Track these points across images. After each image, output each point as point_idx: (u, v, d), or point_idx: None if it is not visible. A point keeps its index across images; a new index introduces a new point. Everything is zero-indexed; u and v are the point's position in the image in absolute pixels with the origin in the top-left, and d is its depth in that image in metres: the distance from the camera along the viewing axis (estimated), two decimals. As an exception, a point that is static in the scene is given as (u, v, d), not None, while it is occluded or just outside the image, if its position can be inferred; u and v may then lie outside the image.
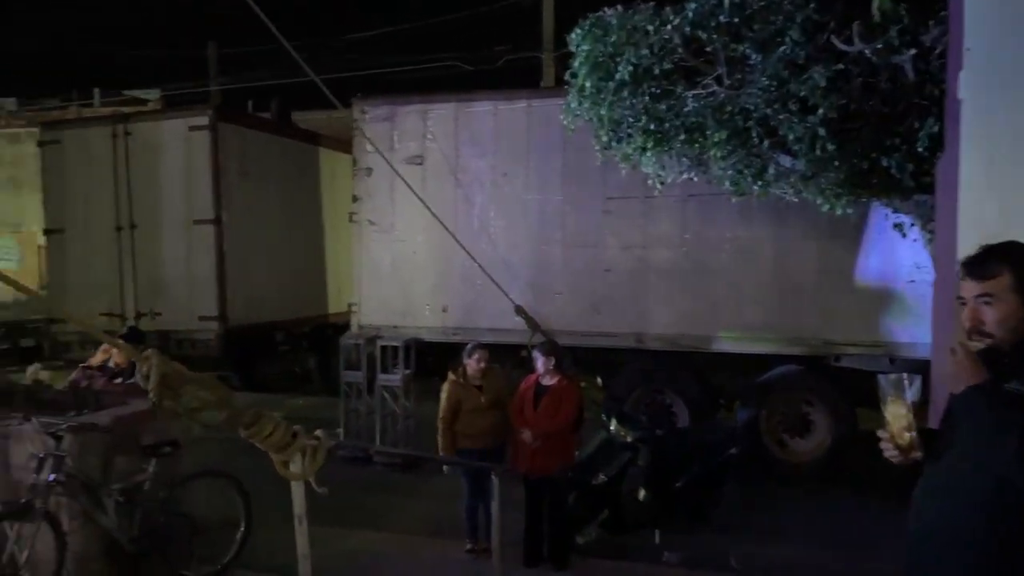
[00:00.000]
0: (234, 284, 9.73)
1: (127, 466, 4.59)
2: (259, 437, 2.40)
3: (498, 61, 15.39)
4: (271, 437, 2.41)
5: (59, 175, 10.25)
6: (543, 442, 5.41)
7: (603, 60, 5.14)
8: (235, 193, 9.85)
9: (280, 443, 2.43)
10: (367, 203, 8.74)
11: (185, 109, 10.88)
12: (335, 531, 6.07)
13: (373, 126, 8.70)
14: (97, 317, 9.76)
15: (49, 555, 4.20)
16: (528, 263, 8.35)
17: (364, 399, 8.53)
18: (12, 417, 4.38)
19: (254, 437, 2.41)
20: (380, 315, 8.69)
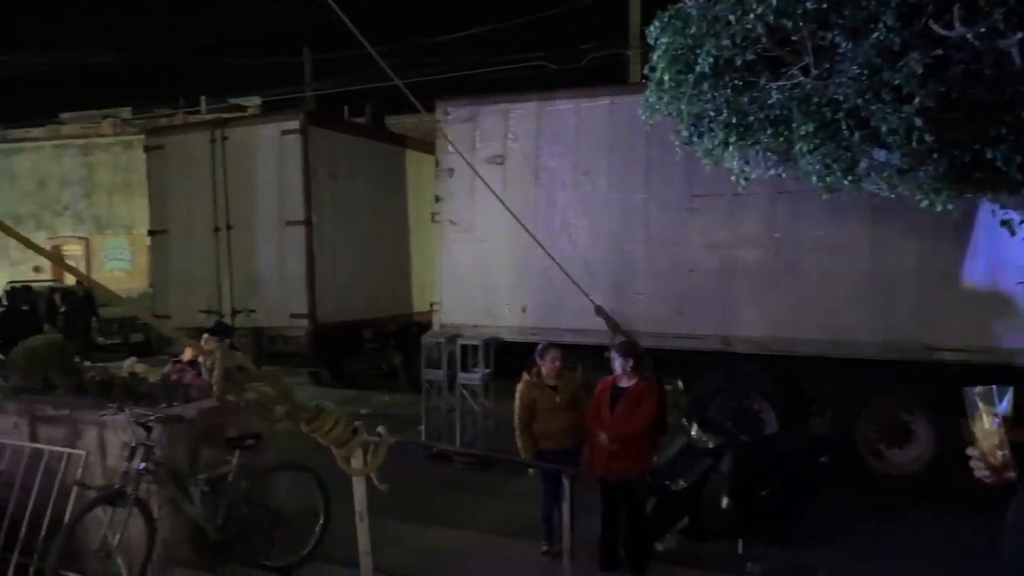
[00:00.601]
0: (323, 283, 10.02)
1: (212, 457, 4.76)
2: (320, 432, 2.42)
3: (583, 59, 15.27)
4: (332, 432, 2.42)
5: (162, 179, 10.82)
6: (620, 445, 5.31)
7: (682, 53, 4.98)
8: (324, 195, 10.15)
9: (341, 438, 2.44)
10: (448, 203, 8.83)
11: (278, 114, 11.29)
12: (412, 527, 6.16)
13: (455, 127, 8.78)
14: (197, 314, 10.23)
15: (140, 540, 4.41)
16: (609, 263, 8.23)
17: (445, 397, 8.62)
18: (108, 407, 4.62)
19: (316, 432, 2.43)
20: (461, 314, 8.75)
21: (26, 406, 4.96)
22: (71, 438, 4.76)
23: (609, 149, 8.22)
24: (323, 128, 10.32)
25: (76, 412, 4.81)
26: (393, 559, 5.24)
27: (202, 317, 10.15)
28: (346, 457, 2.53)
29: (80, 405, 4.89)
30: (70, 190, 23.11)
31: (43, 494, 4.57)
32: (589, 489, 5.43)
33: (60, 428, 4.82)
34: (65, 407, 4.88)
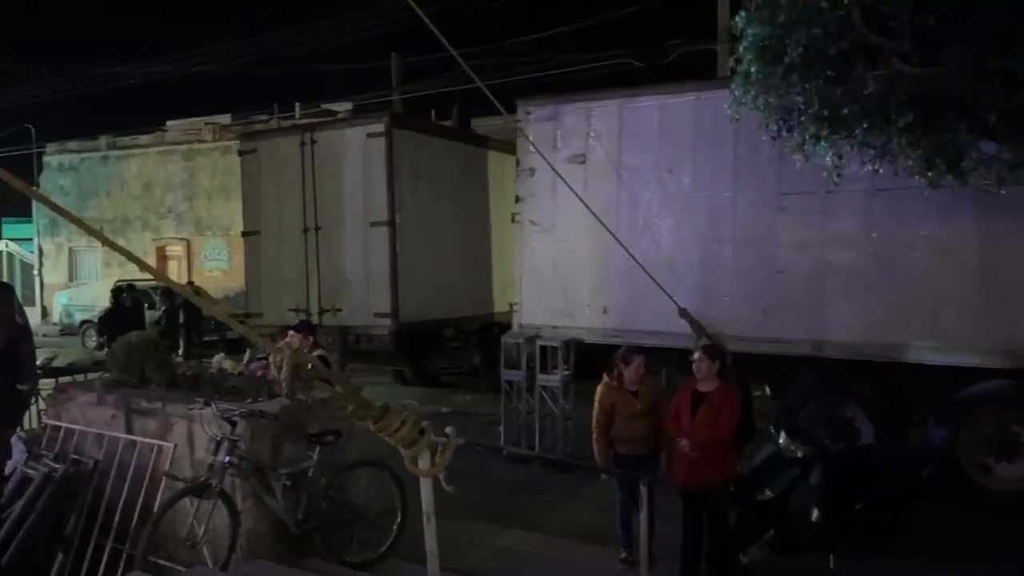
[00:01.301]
0: (406, 283, 10.16)
1: (294, 453, 4.86)
2: (388, 431, 2.40)
3: (670, 56, 14.96)
4: (399, 432, 2.40)
5: (255, 182, 11.22)
6: (701, 452, 5.12)
7: (771, 43, 4.76)
8: (408, 196, 10.29)
9: (408, 438, 2.41)
10: (529, 203, 8.78)
11: (363, 117, 11.53)
12: (490, 527, 6.14)
13: (536, 126, 8.72)
14: (287, 312, 10.56)
15: (224, 531, 4.54)
16: (694, 263, 8.00)
17: (524, 398, 8.57)
18: (196, 402, 4.78)
19: (383, 431, 2.41)
20: (540, 315, 8.68)
21: (123, 399, 5.19)
22: (162, 430, 4.96)
23: (694, 146, 7.99)
24: (407, 130, 10.47)
25: (167, 406, 5.00)
26: (465, 559, 5.23)
27: (292, 315, 10.44)
28: (413, 457, 2.50)
29: (171, 399, 5.08)
30: (173, 194, 24.32)
31: (135, 483, 4.77)
32: (670, 494, 5.27)
33: (152, 421, 5.02)
34: (157, 401, 5.08)
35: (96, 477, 4.89)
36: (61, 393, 5.64)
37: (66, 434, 5.20)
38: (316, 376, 2.28)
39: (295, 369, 2.22)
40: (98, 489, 4.87)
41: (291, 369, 2.21)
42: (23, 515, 4.40)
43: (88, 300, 20.83)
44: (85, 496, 4.79)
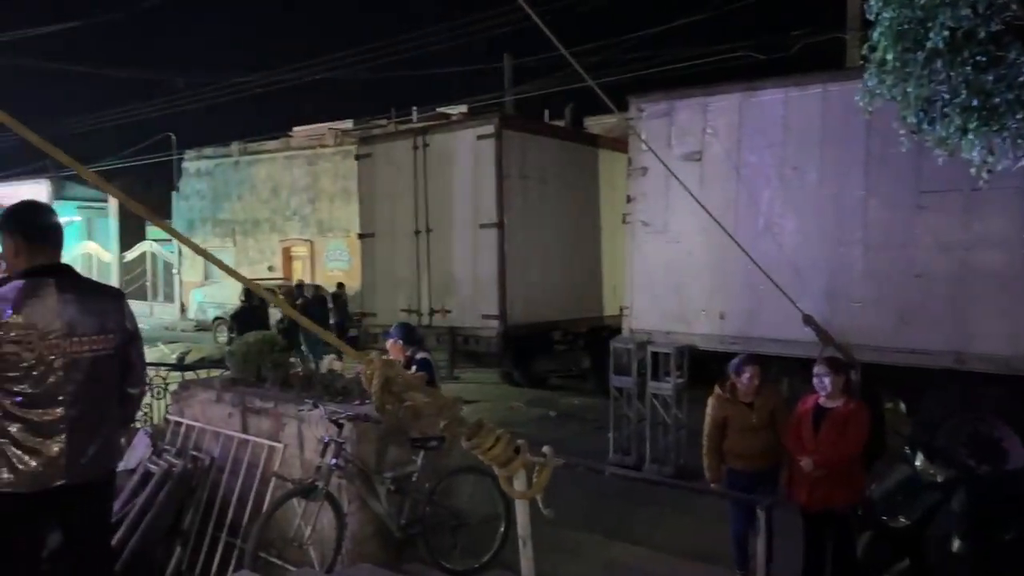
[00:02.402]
0: (514, 285, 10.10)
1: (398, 456, 4.85)
2: (480, 449, 2.27)
3: (794, 47, 14.20)
4: (492, 450, 2.26)
5: (371, 185, 11.49)
6: (825, 472, 4.73)
7: (910, 27, 4.31)
8: (517, 197, 10.23)
9: (502, 457, 2.27)
10: (641, 203, 8.50)
11: (474, 119, 11.57)
12: (594, 538, 5.95)
13: (649, 123, 8.44)
14: (399, 312, 10.74)
15: (330, 533, 4.58)
16: (820, 267, 7.48)
17: (634, 405, 8.30)
18: (306, 403, 4.86)
19: (475, 449, 2.28)
20: (652, 319, 8.38)
21: (239, 397, 5.36)
22: (274, 430, 5.07)
23: (821, 141, 7.47)
24: (516, 131, 10.42)
25: (280, 405, 5.11)
26: (568, 571, 5.06)
27: (404, 315, 10.62)
28: (508, 478, 2.36)
29: (283, 399, 5.19)
30: (298, 196, 25.45)
31: (248, 481, 4.90)
32: (791, 511, 4.91)
33: (266, 420, 5.15)
34: (271, 400, 5.20)
35: (212, 473, 5.06)
36: (184, 390, 5.90)
37: (187, 430, 5.42)
38: (407, 389, 2.17)
39: (385, 382, 2.12)
40: (214, 484, 5.04)
41: (381, 381, 2.10)
42: (145, 508, 4.59)
43: (220, 298, 22.11)
44: (202, 491, 4.96)
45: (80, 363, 2.98)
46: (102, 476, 3.13)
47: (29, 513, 2.98)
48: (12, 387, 2.89)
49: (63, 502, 3.03)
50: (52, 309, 2.93)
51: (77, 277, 3.12)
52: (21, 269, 3.00)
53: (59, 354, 2.93)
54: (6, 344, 2.86)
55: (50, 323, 2.92)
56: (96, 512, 3.19)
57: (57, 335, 2.93)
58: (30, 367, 2.89)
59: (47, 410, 2.93)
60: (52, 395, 2.93)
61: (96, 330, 3.02)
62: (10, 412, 2.90)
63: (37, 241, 3.03)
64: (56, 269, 3.04)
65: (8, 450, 2.89)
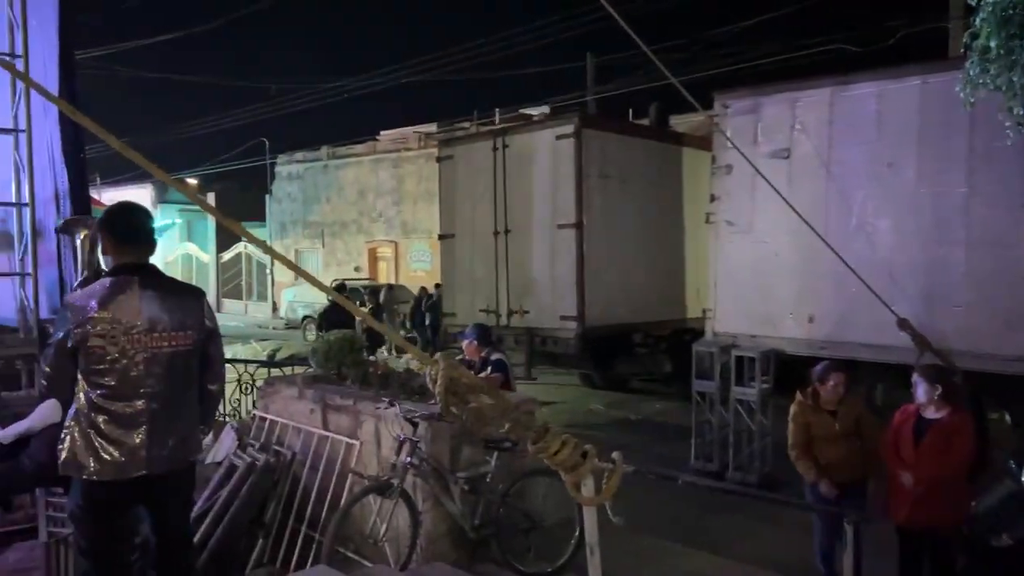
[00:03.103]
0: (593, 286, 9.99)
1: (472, 457, 4.84)
2: (546, 454, 2.22)
3: (892, 38, 13.54)
4: (559, 455, 2.21)
5: (451, 186, 11.59)
6: (926, 488, 4.44)
7: (1017, 12, 4.02)
8: (596, 197, 10.12)
9: (568, 463, 2.21)
10: (725, 202, 8.26)
11: (554, 119, 11.51)
12: (673, 547, 5.80)
13: (735, 120, 8.19)
14: (478, 313, 10.79)
15: (405, 531, 4.61)
16: (917, 268, 7.09)
17: (717, 411, 8.07)
18: (383, 401, 4.91)
19: (541, 453, 2.23)
20: (736, 323, 8.13)
21: (320, 394, 5.46)
22: (353, 427, 5.15)
23: (919, 136, 7.08)
24: (596, 130, 10.31)
25: (358, 403, 5.19)
26: (647, 580, 4.95)
27: (483, 316, 10.67)
28: (575, 483, 2.29)
29: (362, 397, 5.26)
30: (383, 199, 26.02)
31: (327, 476, 4.99)
32: (884, 526, 4.64)
33: (345, 417, 5.23)
34: (350, 398, 5.28)
35: (294, 467, 5.18)
36: (269, 386, 6.07)
37: (271, 425, 5.57)
38: (471, 391, 2.14)
39: (449, 383, 2.10)
40: (295, 479, 5.15)
41: (445, 383, 2.08)
42: (229, 500, 4.74)
43: (309, 297, 22.81)
44: (284, 485, 5.08)
45: (160, 358, 3.11)
46: (181, 467, 3.26)
47: (112, 501, 3.13)
48: (97, 380, 3.05)
49: (145, 491, 3.17)
50: (135, 305, 3.08)
51: (160, 276, 3.26)
52: (110, 267, 3.19)
53: (141, 348, 3.07)
54: (92, 338, 3.01)
55: (133, 319, 3.06)
56: (175, 502, 3.33)
57: (139, 330, 3.07)
58: (114, 360, 3.04)
59: (129, 402, 3.07)
60: (134, 388, 3.07)
61: (176, 326, 3.15)
62: (96, 404, 3.06)
63: (124, 242, 3.19)
64: (141, 268, 3.18)
65: (94, 440, 3.04)
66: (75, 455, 3.05)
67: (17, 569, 4.87)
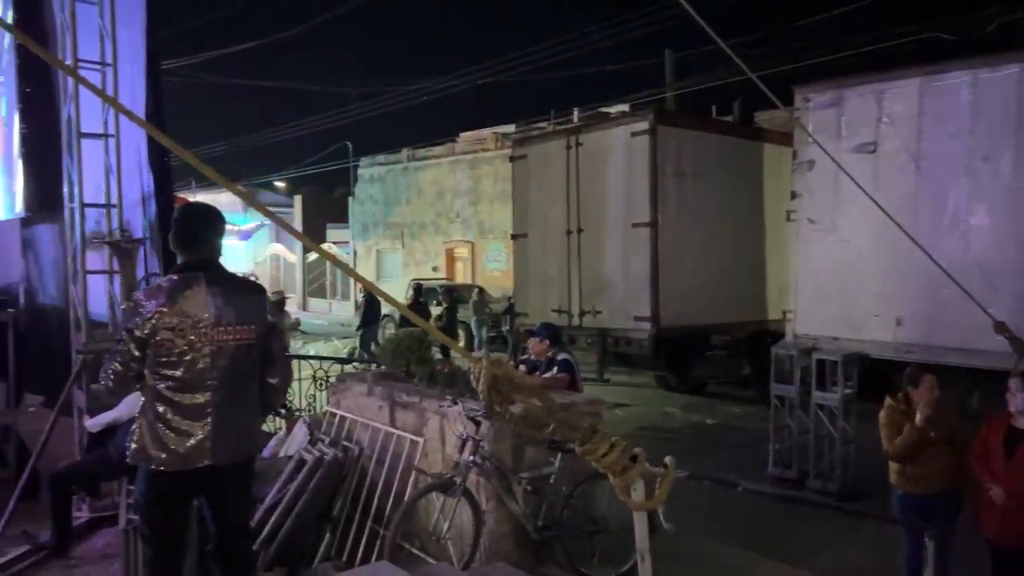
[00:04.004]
0: (668, 286, 9.79)
1: (535, 457, 4.80)
2: (594, 456, 2.15)
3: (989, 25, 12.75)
4: (607, 457, 2.14)
5: (524, 186, 11.57)
6: (1018, 503, 4.13)
7: None
8: (671, 195, 9.91)
9: (616, 465, 2.14)
10: (806, 199, 7.95)
11: (628, 116, 11.34)
12: (747, 556, 5.61)
13: (817, 114, 7.87)
14: (550, 313, 10.74)
15: (467, 529, 4.61)
16: (1016, 269, 6.66)
17: (797, 416, 7.75)
18: (447, 399, 4.93)
19: (589, 455, 2.17)
20: (818, 324, 7.80)
21: (388, 391, 5.53)
22: (418, 424, 5.18)
23: (1017, 128, 6.64)
24: (672, 127, 10.10)
25: (424, 400, 5.22)
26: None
27: (555, 316, 10.61)
28: (625, 487, 2.22)
29: (428, 394, 5.29)
30: (460, 200, 26.28)
31: (392, 472, 5.04)
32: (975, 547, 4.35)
33: (411, 414, 5.28)
34: (416, 395, 5.32)
35: (362, 463, 5.26)
36: (341, 383, 6.19)
37: (341, 421, 5.68)
38: (516, 389, 2.09)
39: (493, 381, 2.06)
40: (363, 474, 5.23)
41: (488, 381, 2.04)
42: (298, 494, 4.84)
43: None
44: (352, 480, 5.16)
45: (225, 351, 3.21)
46: (243, 460, 3.35)
47: (175, 491, 3.24)
48: (165, 372, 3.15)
49: (207, 483, 3.26)
50: (202, 300, 3.18)
51: (224, 272, 3.36)
52: (179, 264, 3.32)
53: (207, 342, 3.17)
54: (161, 331, 3.12)
55: (200, 313, 3.16)
56: (236, 494, 3.41)
57: (206, 324, 3.17)
58: (182, 353, 3.14)
59: (195, 395, 3.17)
60: (200, 380, 3.17)
61: (240, 320, 3.25)
62: (163, 396, 3.16)
63: (191, 240, 3.32)
64: (207, 265, 3.28)
65: (161, 432, 3.15)
66: (143, 446, 3.17)
67: (105, 554, 5.13)
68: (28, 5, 7.84)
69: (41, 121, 7.42)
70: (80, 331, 5.83)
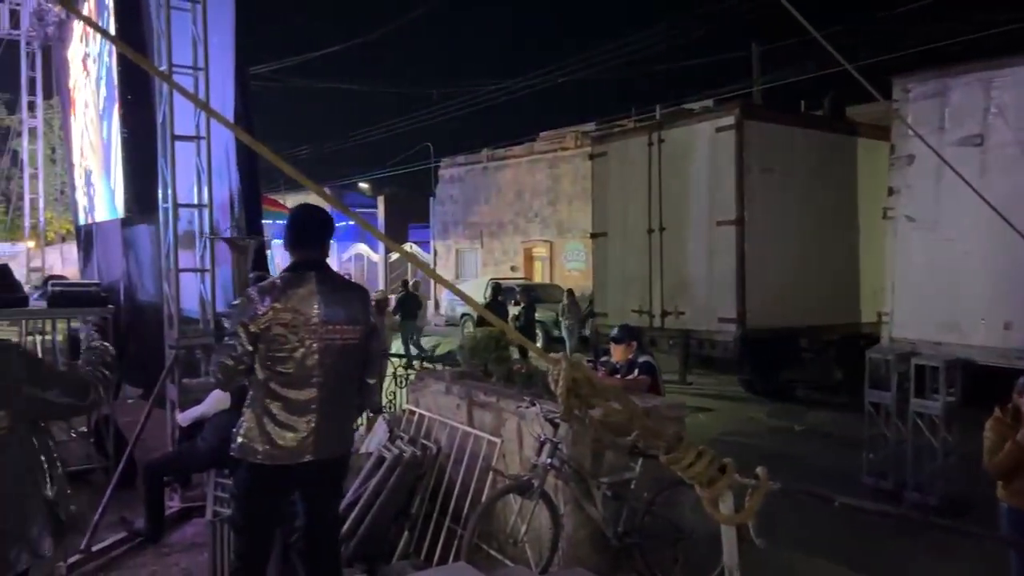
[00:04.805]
0: (754, 286, 9.46)
1: (615, 462, 4.68)
2: (680, 465, 2.03)
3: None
4: (693, 467, 2.02)
5: (604, 184, 11.41)
6: None
7: None
8: (758, 192, 9.58)
9: (703, 476, 2.02)
10: (905, 196, 7.51)
11: (712, 111, 11.02)
12: (839, 571, 5.32)
13: (917, 106, 7.43)
14: (630, 313, 10.55)
15: (545, 533, 4.53)
16: None
17: (893, 424, 7.34)
18: (524, 400, 4.86)
19: (673, 465, 2.04)
20: (917, 328, 7.36)
21: (466, 390, 5.51)
22: (496, 424, 5.14)
23: None
24: (759, 121, 9.75)
25: (501, 400, 5.17)
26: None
27: (635, 317, 10.42)
28: (712, 499, 2.09)
29: (505, 394, 5.24)
30: (539, 199, 26.22)
31: (469, 472, 5.01)
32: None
33: (488, 414, 5.24)
34: (494, 395, 5.28)
35: (440, 461, 5.25)
36: (420, 381, 6.21)
37: (419, 419, 5.69)
38: (597, 395, 1.99)
39: (573, 384, 1.97)
40: (441, 472, 5.22)
41: (567, 384, 1.95)
42: (378, 491, 4.87)
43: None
44: (430, 478, 5.16)
45: (332, 349, 3.27)
46: (339, 456, 3.42)
47: (275, 485, 3.31)
48: (276, 367, 3.24)
49: (305, 477, 3.33)
50: (312, 299, 3.26)
51: (332, 273, 3.45)
52: (290, 263, 3.42)
53: (316, 339, 3.24)
54: (275, 327, 3.21)
55: (311, 311, 3.24)
56: (329, 489, 3.50)
57: (316, 322, 3.24)
58: (292, 349, 3.22)
59: (301, 390, 3.24)
60: (307, 376, 3.24)
61: (347, 320, 3.32)
62: (272, 390, 3.25)
63: (304, 240, 3.41)
64: (317, 265, 3.36)
65: (268, 426, 3.23)
66: (250, 439, 3.26)
67: (194, 543, 5.30)
68: (128, 15, 8.22)
69: (140, 125, 7.78)
70: (173, 327, 6.05)
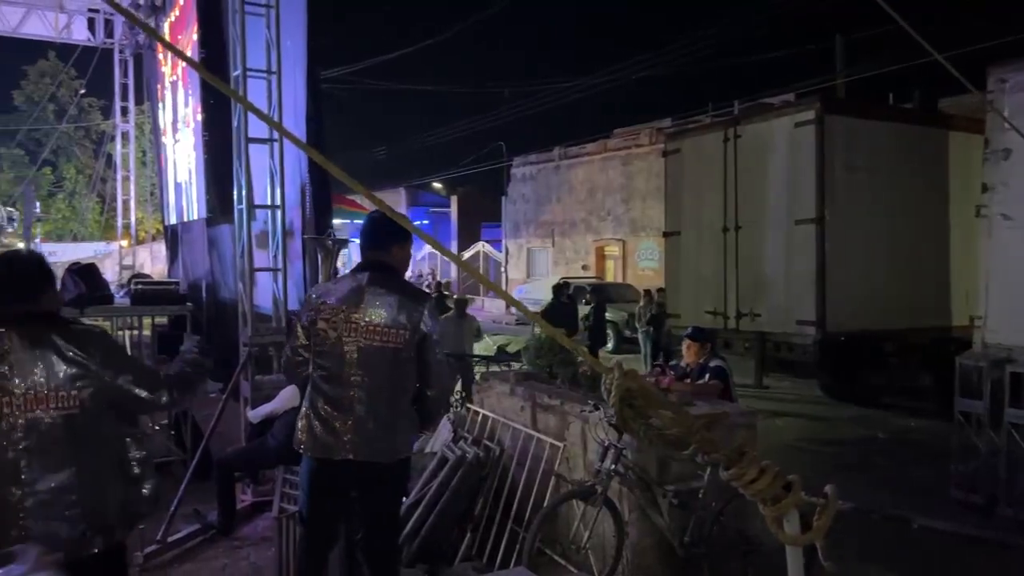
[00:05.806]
0: (835, 288, 9.05)
1: (682, 470, 4.54)
2: (741, 481, 1.91)
3: None
4: (756, 483, 1.89)
5: (678, 181, 11.14)
6: None
7: None
8: (840, 189, 9.15)
9: (766, 493, 1.89)
10: (1001, 193, 7.02)
11: (791, 106, 10.60)
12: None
13: (1015, 96, 6.94)
14: (704, 314, 10.27)
15: (609, 539, 4.43)
16: None
17: (986, 435, 6.90)
18: (588, 404, 4.76)
19: (735, 480, 1.92)
20: (1014, 333, 6.87)
21: (530, 392, 5.45)
22: (560, 428, 5.06)
23: None
24: (841, 115, 9.31)
25: (566, 403, 5.09)
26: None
27: (708, 318, 10.14)
28: (777, 518, 1.96)
29: (570, 398, 5.16)
30: (612, 197, 25.93)
31: (532, 475, 4.95)
32: None
33: (552, 417, 5.17)
34: (558, 398, 5.20)
35: (503, 463, 5.21)
36: (485, 381, 6.19)
37: (483, 420, 5.66)
38: (650, 405, 1.90)
39: (626, 394, 1.87)
40: (504, 474, 5.17)
41: (620, 393, 1.86)
42: (440, 491, 4.86)
43: (538, 294, 23.36)
44: (492, 480, 5.12)
45: (370, 349, 3.26)
46: (387, 460, 3.33)
47: (327, 480, 3.33)
48: (320, 361, 3.30)
49: (355, 477, 3.31)
50: (359, 297, 3.28)
51: (392, 275, 3.40)
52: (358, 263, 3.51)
53: (356, 337, 3.25)
54: (319, 320, 3.28)
55: (354, 308, 3.27)
56: (382, 492, 3.43)
57: (357, 319, 3.26)
58: (332, 344, 3.27)
59: (341, 387, 3.26)
60: (345, 373, 3.26)
61: (391, 323, 3.28)
62: (317, 385, 3.31)
63: (368, 241, 3.48)
64: (375, 265, 3.38)
65: (312, 420, 3.29)
66: (300, 430, 3.34)
67: (264, 537, 5.42)
68: (210, 21, 8.51)
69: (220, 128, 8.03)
70: (247, 325, 6.20)
